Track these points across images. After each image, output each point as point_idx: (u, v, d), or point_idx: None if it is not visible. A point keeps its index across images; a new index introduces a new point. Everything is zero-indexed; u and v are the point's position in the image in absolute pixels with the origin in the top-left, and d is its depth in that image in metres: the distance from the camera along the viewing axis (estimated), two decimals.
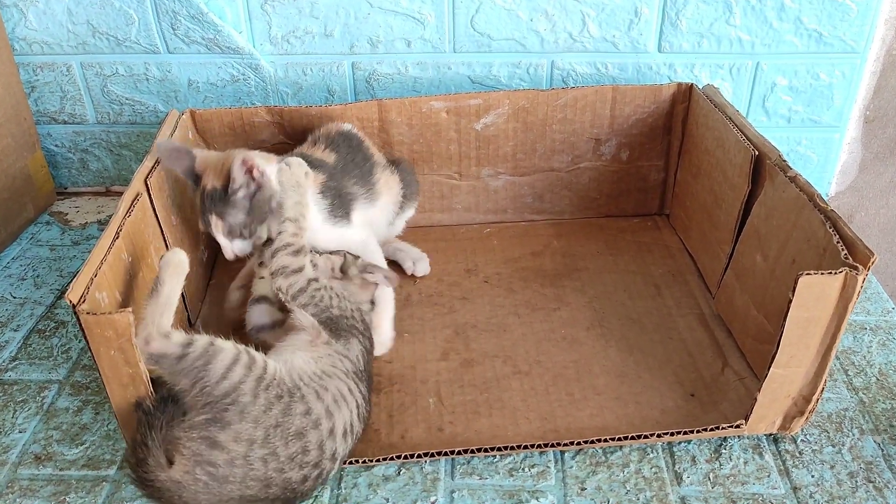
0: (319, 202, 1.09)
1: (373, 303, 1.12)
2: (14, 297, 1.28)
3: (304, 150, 1.18)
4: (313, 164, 1.11)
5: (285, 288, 0.96)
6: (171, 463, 0.80)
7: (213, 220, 1.04)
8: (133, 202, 0.98)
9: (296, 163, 1.05)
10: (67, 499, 0.92)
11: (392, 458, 0.93)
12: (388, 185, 1.24)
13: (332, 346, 0.95)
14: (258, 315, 1.07)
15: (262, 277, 1.09)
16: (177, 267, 0.88)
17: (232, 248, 1.07)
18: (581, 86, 1.36)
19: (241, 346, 0.86)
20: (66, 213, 1.53)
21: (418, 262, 1.29)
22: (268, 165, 1.06)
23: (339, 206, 1.12)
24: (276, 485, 0.82)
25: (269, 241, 1.07)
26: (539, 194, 1.42)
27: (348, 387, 0.91)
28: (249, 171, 1.03)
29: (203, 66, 1.42)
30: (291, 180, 1.03)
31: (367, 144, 1.25)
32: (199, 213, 1.06)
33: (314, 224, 1.07)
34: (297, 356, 0.92)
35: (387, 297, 1.14)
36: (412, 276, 1.29)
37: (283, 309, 1.03)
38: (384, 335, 1.13)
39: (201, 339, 0.83)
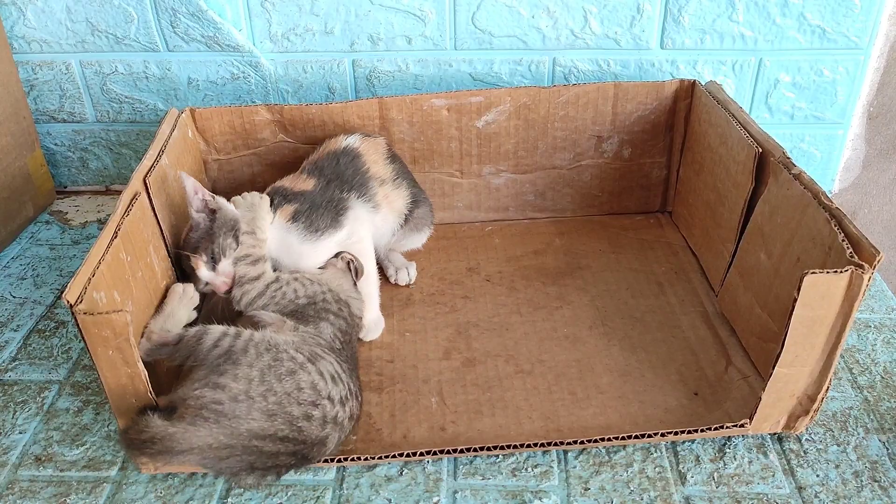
0: (291, 228, 1.09)
1: None
2: (14, 297, 1.27)
3: (284, 184, 1.16)
4: (287, 196, 1.11)
5: (239, 297, 1.02)
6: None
7: (193, 260, 1.03)
8: (132, 201, 0.98)
9: (249, 193, 1.09)
10: (68, 500, 0.92)
11: (394, 457, 0.93)
12: (388, 198, 1.21)
13: (299, 331, 0.99)
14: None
15: None
16: (180, 297, 0.99)
17: (218, 275, 1.02)
18: (583, 83, 1.35)
19: (230, 326, 0.92)
20: (66, 213, 1.52)
21: (401, 271, 1.28)
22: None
23: (320, 218, 1.11)
24: (280, 417, 0.85)
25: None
26: (541, 192, 1.41)
27: (322, 349, 0.95)
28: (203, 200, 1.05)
29: (203, 64, 1.42)
30: (245, 203, 1.07)
31: (365, 160, 1.20)
32: (187, 270, 1.06)
33: (294, 248, 1.09)
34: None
35: (367, 280, 1.15)
36: (395, 283, 1.28)
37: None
38: (368, 319, 1.14)
39: (194, 328, 0.92)
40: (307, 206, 1.11)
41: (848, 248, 0.85)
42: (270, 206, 1.09)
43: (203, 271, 1.03)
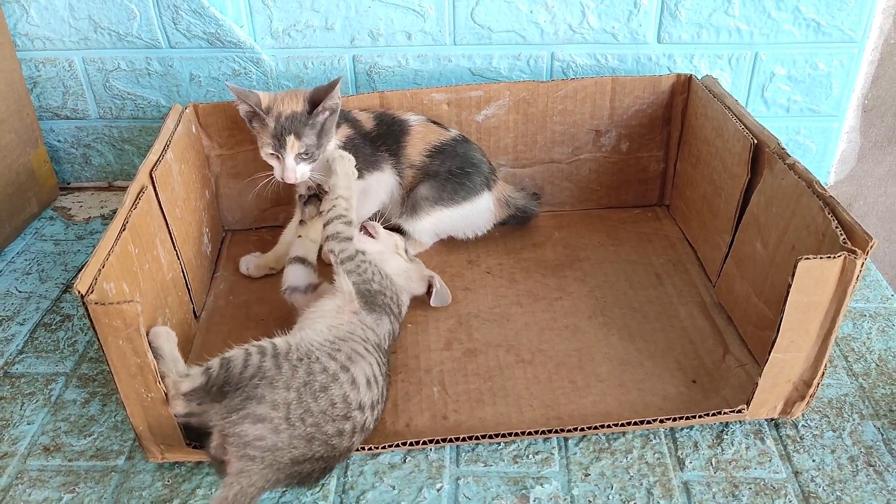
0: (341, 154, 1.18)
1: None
2: (20, 292, 1.29)
3: (353, 113, 1.27)
4: (351, 121, 1.24)
5: (338, 251, 1.06)
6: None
7: (291, 140, 1.13)
8: (139, 195, 0.99)
9: (349, 157, 1.16)
10: (77, 489, 0.93)
11: (397, 446, 0.94)
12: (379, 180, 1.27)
13: (359, 317, 1.02)
14: (294, 276, 1.15)
15: (301, 236, 1.19)
16: (166, 335, 0.93)
17: (297, 170, 1.15)
18: (581, 77, 1.37)
19: (246, 345, 0.91)
20: (70, 208, 1.53)
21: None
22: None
23: (358, 158, 1.19)
24: (317, 439, 0.86)
25: (311, 198, 1.22)
26: (540, 186, 1.43)
27: (365, 348, 0.96)
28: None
29: (205, 60, 1.43)
30: (346, 169, 1.14)
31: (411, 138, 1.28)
32: (271, 137, 1.14)
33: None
34: (307, 331, 0.97)
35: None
36: None
37: (319, 272, 1.15)
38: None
39: (215, 360, 0.90)
40: (356, 142, 1.23)
41: (841, 234, 0.86)
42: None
43: (290, 156, 1.13)
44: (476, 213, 1.31)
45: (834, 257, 0.83)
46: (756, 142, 1.08)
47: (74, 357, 1.14)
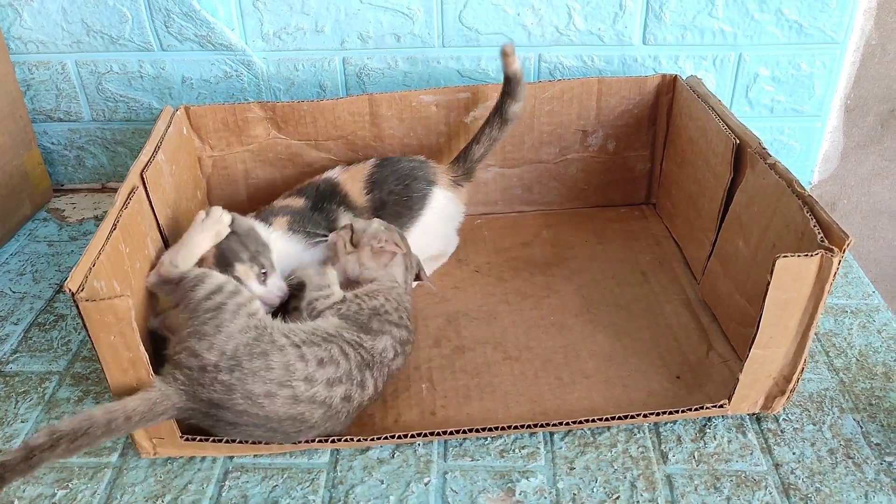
0: (291, 239, 1.17)
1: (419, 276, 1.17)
2: (13, 292, 1.30)
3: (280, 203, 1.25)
4: (279, 211, 1.21)
5: (308, 312, 1.03)
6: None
7: (241, 271, 1.05)
8: (129, 195, 1.01)
9: (308, 268, 1.11)
10: (70, 485, 0.94)
11: (385, 439, 0.96)
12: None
13: (340, 329, 1.00)
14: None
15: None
16: (205, 219, 1.04)
17: (270, 291, 1.08)
18: (568, 78, 1.38)
19: (232, 279, 0.97)
20: (63, 210, 1.55)
21: None
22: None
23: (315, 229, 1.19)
24: (238, 392, 0.88)
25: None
26: (528, 185, 1.45)
27: (342, 348, 0.96)
28: None
29: (196, 62, 1.45)
30: (312, 280, 1.07)
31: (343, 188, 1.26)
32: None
33: (300, 259, 1.16)
34: (301, 323, 0.99)
35: None
36: None
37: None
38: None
39: (198, 269, 0.97)
40: (295, 227, 1.19)
41: (819, 233, 0.88)
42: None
43: (255, 286, 1.05)
44: (443, 212, 1.31)
45: (811, 255, 0.85)
46: (738, 142, 1.10)
47: (68, 356, 1.15)
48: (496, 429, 0.97)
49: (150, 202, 1.07)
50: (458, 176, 1.32)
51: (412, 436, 0.96)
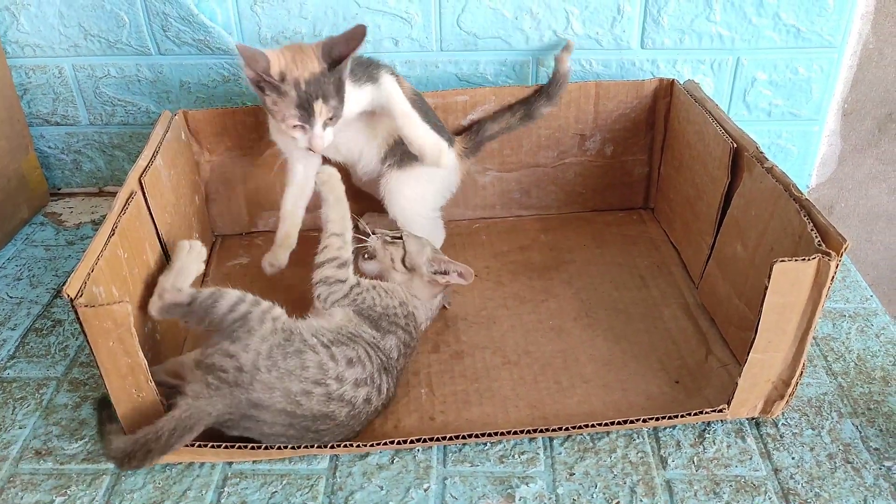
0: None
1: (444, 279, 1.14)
2: (10, 297, 1.30)
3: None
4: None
5: (325, 296, 1.04)
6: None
7: (318, 106, 1.07)
8: (128, 200, 1.01)
9: (335, 174, 1.10)
10: (68, 492, 0.94)
11: (385, 444, 0.96)
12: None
13: (359, 328, 1.02)
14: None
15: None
16: (189, 250, 1.03)
17: (325, 137, 1.10)
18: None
19: (246, 292, 0.97)
20: (60, 214, 1.54)
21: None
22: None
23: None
24: (279, 390, 0.90)
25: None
26: (526, 189, 1.45)
27: (360, 347, 0.98)
28: None
29: (194, 66, 1.44)
30: (337, 192, 1.10)
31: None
32: (296, 107, 1.06)
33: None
34: (322, 320, 1.02)
35: (408, 120, 1.17)
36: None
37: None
38: (428, 147, 1.18)
39: (208, 289, 0.96)
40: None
41: (816, 237, 0.88)
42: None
43: (319, 123, 1.07)
44: (441, 173, 1.26)
45: (809, 259, 0.85)
46: (735, 146, 1.10)
47: (65, 362, 1.15)
48: (495, 434, 0.97)
49: (149, 207, 1.07)
50: (467, 147, 1.33)
51: (411, 441, 0.96)
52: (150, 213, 1.08)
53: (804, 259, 0.85)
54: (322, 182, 1.09)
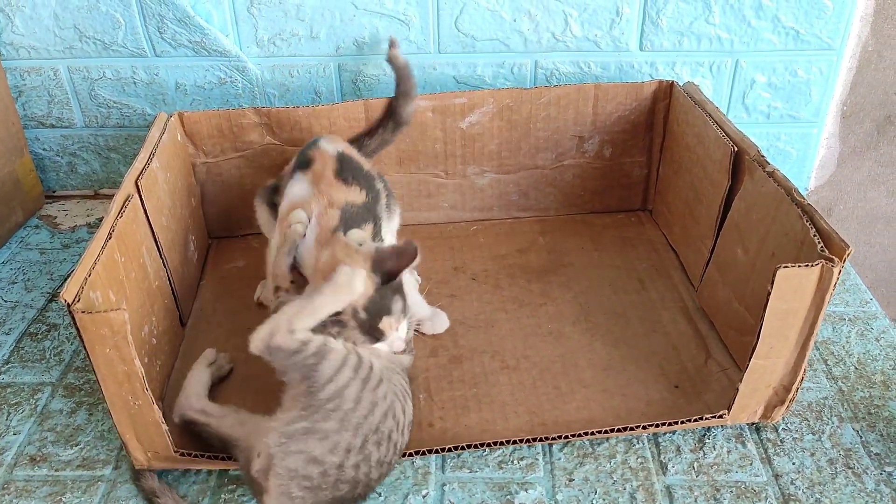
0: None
1: None
2: (5, 301, 1.29)
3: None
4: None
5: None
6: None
7: (386, 322, 0.95)
8: (125, 203, 1.00)
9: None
10: (63, 499, 0.93)
11: None
12: None
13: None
14: None
15: None
16: (348, 288, 0.89)
17: (402, 336, 0.99)
18: (564, 84, 1.38)
19: (350, 346, 0.89)
20: (55, 217, 1.53)
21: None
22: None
23: None
24: (361, 482, 0.85)
25: None
26: (524, 192, 1.44)
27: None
28: None
29: (190, 68, 1.43)
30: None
31: None
32: (363, 333, 0.94)
33: None
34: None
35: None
36: None
37: None
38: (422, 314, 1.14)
39: (317, 339, 0.86)
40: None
41: (819, 242, 0.88)
42: None
43: (393, 335, 0.95)
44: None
45: (812, 265, 0.85)
46: (736, 149, 1.09)
47: (60, 367, 1.14)
48: (495, 443, 0.96)
49: (146, 210, 1.06)
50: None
51: (410, 454, 0.95)
52: (147, 216, 1.07)
53: (807, 265, 0.85)
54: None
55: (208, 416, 0.94)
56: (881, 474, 0.94)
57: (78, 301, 0.81)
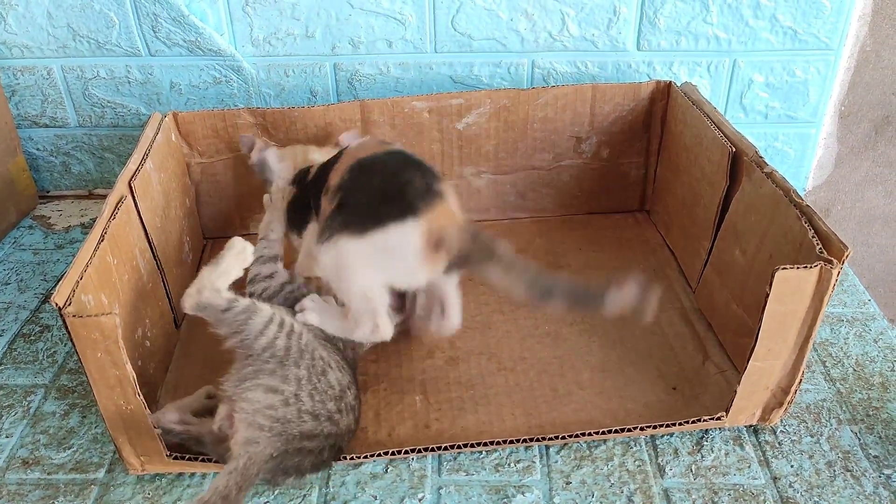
0: None
1: None
2: None
3: None
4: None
5: (259, 293, 1.02)
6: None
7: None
8: (117, 205, 0.99)
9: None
10: (56, 502, 0.92)
11: (379, 455, 0.94)
12: None
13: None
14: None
15: None
16: (239, 253, 0.97)
17: None
18: (561, 84, 1.37)
19: (274, 309, 0.95)
20: (49, 217, 1.52)
21: None
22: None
23: None
24: (323, 416, 0.89)
25: None
26: (521, 192, 1.43)
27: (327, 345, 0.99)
28: None
29: (185, 68, 1.42)
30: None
31: None
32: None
33: None
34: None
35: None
36: None
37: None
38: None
39: (245, 300, 0.93)
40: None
41: (818, 244, 0.87)
42: None
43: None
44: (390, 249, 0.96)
45: (810, 267, 0.84)
46: (734, 150, 1.09)
47: (53, 368, 1.13)
48: (491, 443, 0.96)
49: (139, 212, 1.05)
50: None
51: (406, 451, 0.94)
52: (141, 218, 1.06)
53: (806, 267, 0.84)
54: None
55: (187, 425, 0.95)
56: (880, 477, 0.94)
57: (69, 305, 0.80)
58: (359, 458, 0.94)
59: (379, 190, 0.98)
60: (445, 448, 0.95)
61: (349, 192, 0.99)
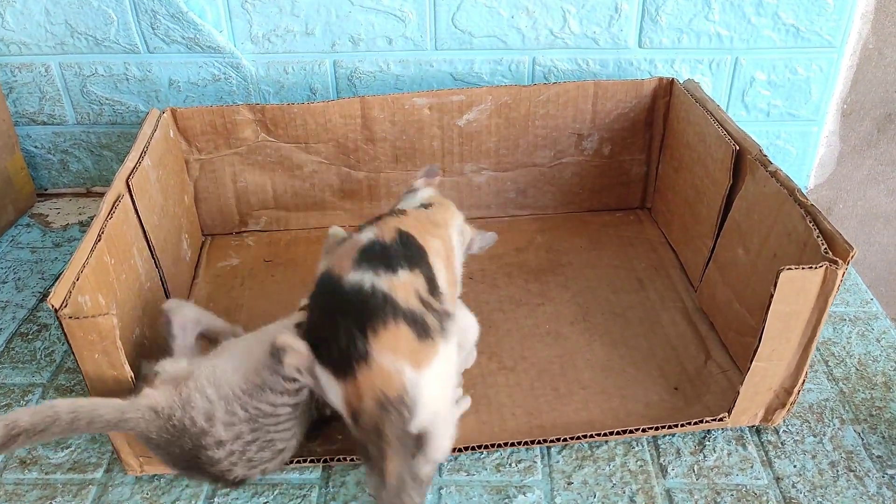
0: None
1: None
2: None
3: None
4: None
5: None
6: None
7: None
8: (115, 204, 0.98)
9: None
10: (54, 502, 0.92)
11: None
12: None
13: None
14: None
15: None
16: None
17: None
18: (563, 81, 1.36)
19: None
20: (47, 215, 1.51)
21: None
22: None
23: None
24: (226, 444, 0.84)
25: None
26: (522, 189, 1.43)
27: None
28: None
29: (184, 65, 1.41)
30: None
31: None
32: None
33: None
34: None
35: None
36: None
37: None
38: None
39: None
40: None
41: (822, 244, 0.86)
42: None
43: None
44: None
45: (815, 268, 0.84)
46: (738, 148, 1.08)
47: (51, 367, 1.12)
48: (492, 445, 0.95)
49: (137, 210, 1.05)
50: None
51: None
52: (138, 216, 1.05)
53: (811, 267, 0.83)
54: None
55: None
56: (883, 477, 0.93)
57: (66, 306, 0.79)
58: (358, 458, 0.93)
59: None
60: None
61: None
